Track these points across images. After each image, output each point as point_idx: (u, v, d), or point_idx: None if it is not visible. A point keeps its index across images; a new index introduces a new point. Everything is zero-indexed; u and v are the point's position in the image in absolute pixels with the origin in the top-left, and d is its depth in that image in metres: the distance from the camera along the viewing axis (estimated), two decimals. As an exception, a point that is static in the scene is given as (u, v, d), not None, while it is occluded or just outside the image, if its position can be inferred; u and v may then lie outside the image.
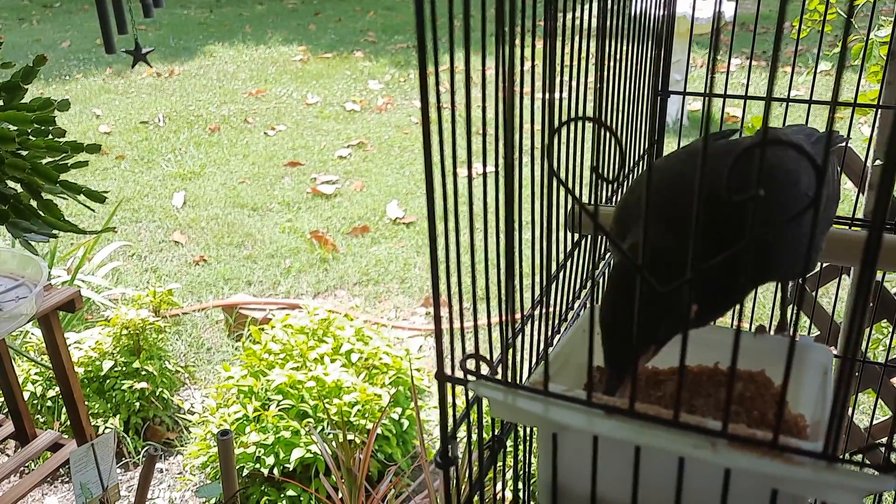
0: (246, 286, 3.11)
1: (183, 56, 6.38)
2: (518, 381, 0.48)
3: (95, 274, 2.88)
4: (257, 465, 1.92)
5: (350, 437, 1.96)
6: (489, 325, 0.52)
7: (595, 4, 0.63)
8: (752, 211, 0.38)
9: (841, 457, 0.41)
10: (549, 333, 0.50)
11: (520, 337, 0.58)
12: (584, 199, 0.79)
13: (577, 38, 0.59)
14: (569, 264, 0.72)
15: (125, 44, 2.74)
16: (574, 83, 0.59)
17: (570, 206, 0.71)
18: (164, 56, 6.30)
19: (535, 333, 0.60)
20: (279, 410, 2.03)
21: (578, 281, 0.70)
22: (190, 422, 2.31)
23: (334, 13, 7.58)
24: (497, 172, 0.46)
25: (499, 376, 0.49)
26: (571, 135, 0.59)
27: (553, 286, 0.65)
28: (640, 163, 0.89)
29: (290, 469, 1.91)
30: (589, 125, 0.70)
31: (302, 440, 1.96)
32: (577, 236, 0.76)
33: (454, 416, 0.50)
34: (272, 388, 2.09)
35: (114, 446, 1.70)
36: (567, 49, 0.55)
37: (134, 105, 5.25)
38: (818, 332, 1.52)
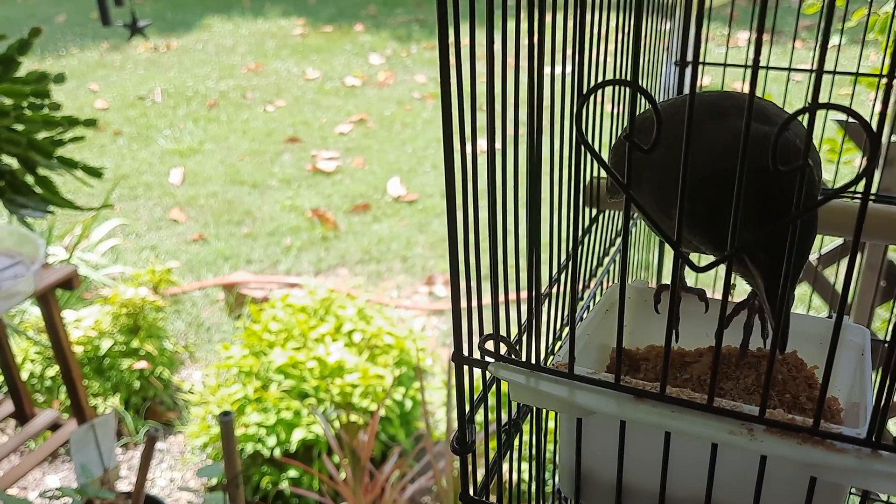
0: (245, 264, 3.09)
1: (180, 30, 6.30)
2: (540, 363, 0.46)
3: (94, 251, 2.85)
4: (258, 446, 1.90)
5: (352, 417, 1.94)
6: (507, 302, 0.49)
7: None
8: (799, 184, 0.35)
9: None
10: (572, 311, 0.47)
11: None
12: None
13: (597, 10, 0.56)
14: (586, 240, 0.70)
15: (122, 17, 2.69)
16: (600, 53, 0.56)
17: (588, 179, 0.69)
18: (161, 30, 6.22)
19: (554, 312, 0.57)
20: (280, 391, 2.01)
21: (596, 258, 0.68)
22: (190, 402, 2.30)
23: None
24: (517, 144, 0.43)
25: (520, 357, 0.47)
26: (598, 105, 0.56)
27: (571, 262, 0.63)
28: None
29: (292, 450, 1.90)
30: (611, 96, 0.67)
31: (303, 421, 1.95)
32: (594, 211, 0.74)
33: (471, 399, 0.48)
34: (273, 368, 2.07)
35: (114, 426, 1.68)
36: (593, 18, 0.52)
37: (131, 80, 5.19)
38: (825, 312, 1.49)
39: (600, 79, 0.60)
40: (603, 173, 0.78)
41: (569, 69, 0.46)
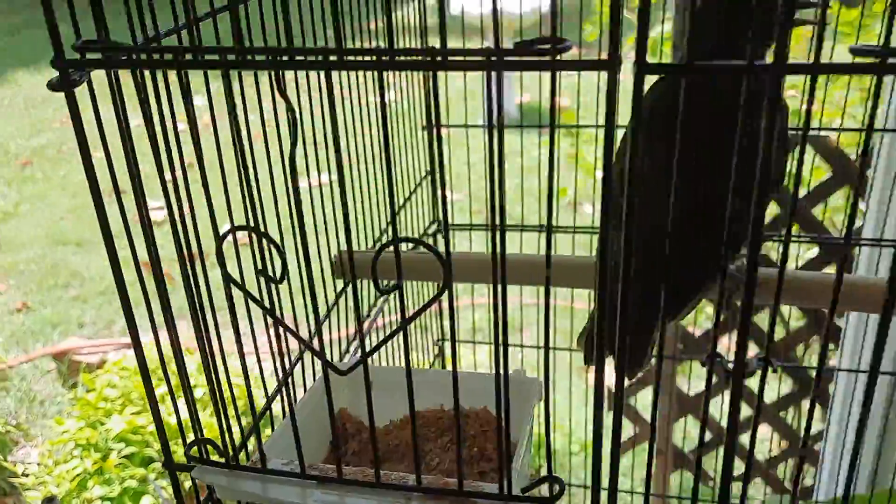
0: (78, 329, 2.97)
1: (-17, 86, 5.91)
2: (252, 458, 0.52)
3: None
4: (102, 522, 1.85)
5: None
6: (222, 401, 0.55)
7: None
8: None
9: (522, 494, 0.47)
10: (291, 405, 0.53)
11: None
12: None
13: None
14: (333, 314, 0.76)
15: None
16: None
17: (335, 250, 0.72)
18: (-39, 89, 5.81)
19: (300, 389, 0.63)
20: (120, 458, 1.97)
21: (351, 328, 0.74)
22: (24, 485, 2.19)
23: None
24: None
25: (230, 456, 0.53)
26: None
27: (315, 340, 0.69)
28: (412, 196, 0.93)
29: (140, 519, 1.87)
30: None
31: (150, 487, 1.92)
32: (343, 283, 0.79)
33: (198, 499, 0.53)
34: (111, 436, 2.02)
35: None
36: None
37: (-71, 147, 4.82)
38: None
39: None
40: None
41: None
